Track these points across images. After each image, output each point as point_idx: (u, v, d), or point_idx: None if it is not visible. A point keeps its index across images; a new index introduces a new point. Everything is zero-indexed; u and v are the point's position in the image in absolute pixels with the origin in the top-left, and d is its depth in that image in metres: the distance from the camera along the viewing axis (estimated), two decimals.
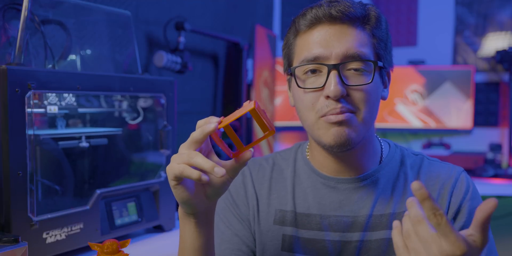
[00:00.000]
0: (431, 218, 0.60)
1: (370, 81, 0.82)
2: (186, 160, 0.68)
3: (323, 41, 0.82)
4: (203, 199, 0.74)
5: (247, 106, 0.69)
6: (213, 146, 0.76)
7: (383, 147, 0.95)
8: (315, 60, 0.83)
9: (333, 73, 0.81)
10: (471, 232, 0.61)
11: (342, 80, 0.81)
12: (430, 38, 2.99)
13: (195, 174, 0.67)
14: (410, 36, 3.04)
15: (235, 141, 0.72)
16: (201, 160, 0.67)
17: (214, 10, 2.21)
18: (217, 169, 0.66)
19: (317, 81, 0.83)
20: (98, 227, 1.20)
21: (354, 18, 0.82)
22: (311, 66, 0.84)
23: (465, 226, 0.86)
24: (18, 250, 0.89)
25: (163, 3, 1.89)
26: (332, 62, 0.82)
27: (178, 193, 0.72)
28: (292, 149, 1.01)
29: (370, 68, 0.83)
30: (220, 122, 0.70)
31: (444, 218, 0.59)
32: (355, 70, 0.82)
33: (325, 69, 0.82)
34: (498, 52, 2.60)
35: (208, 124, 0.69)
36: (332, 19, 0.82)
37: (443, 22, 2.96)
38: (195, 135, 0.70)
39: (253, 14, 2.56)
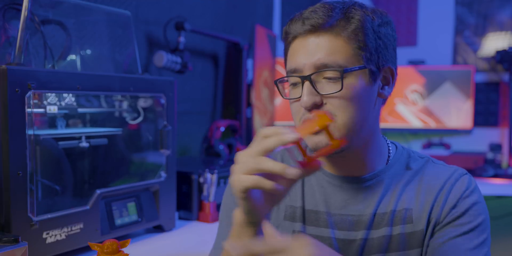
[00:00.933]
0: None
1: (340, 89, 0.82)
2: (255, 167, 0.67)
3: (299, 53, 0.85)
4: (269, 207, 0.74)
5: (321, 119, 0.75)
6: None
7: (390, 148, 0.96)
8: (294, 72, 0.86)
9: (306, 84, 0.83)
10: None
11: (315, 90, 0.83)
12: (430, 38, 2.99)
13: (269, 185, 0.66)
14: (410, 36, 3.04)
15: (301, 151, 0.74)
16: (271, 164, 0.66)
17: (214, 10, 2.21)
18: (289, 170, 0.65)
19: (298, 91, 0.86)
20: (98, 227, 1.20)
21: (328, 28, 0.83)
22: (292, 79, 0.87)
23: (460, 219, 0.86)
24: (18, 250, 0.89)
25: (163, 3, 1.89)
26: (306, 73, 0.84)
27: (247, 204, 0.71)
28: None
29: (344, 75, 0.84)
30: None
31: None
32: (328, 78, 0.83)
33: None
34: (498, 52, 2.60)
35: (288, 134, 0.67)
36: (307, 31, 0.84)
37: (443, 22, 2.96)
38: (268, 144, 0.67)
39: (253, 14, 2.57)
